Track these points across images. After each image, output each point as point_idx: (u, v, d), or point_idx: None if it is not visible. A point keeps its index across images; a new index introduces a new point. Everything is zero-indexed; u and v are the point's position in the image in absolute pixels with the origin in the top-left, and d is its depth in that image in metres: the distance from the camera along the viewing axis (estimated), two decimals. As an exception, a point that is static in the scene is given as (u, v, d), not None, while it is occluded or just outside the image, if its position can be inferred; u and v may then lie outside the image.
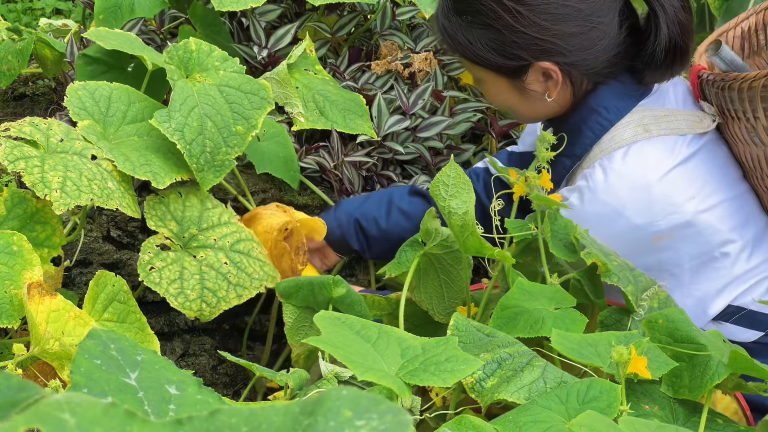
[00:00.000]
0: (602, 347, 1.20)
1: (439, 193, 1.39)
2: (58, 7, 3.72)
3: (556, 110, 1.63)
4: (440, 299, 1.52)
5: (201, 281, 1.56)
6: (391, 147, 2.03)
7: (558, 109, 1.62)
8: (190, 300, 1.54)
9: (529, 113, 1.66)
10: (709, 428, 1.21)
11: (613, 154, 1.54)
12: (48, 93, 2.50)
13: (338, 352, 1.04)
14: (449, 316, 1.49)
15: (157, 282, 1.52)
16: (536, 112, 1.65)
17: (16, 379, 0.57)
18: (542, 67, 1.55)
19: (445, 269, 1.50)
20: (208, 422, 0.53)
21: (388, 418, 0.50)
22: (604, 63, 1.56)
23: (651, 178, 1.52)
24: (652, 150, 1.54)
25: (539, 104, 1.61)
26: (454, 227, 1.40)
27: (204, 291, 1.55)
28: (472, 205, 1.39)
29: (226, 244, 1.63)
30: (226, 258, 1.61)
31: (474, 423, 1.05)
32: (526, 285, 1.36)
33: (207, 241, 1.62)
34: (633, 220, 1.53)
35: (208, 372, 1.88)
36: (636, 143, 1.54)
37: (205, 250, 1.60)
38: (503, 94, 1.62)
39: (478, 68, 1.61)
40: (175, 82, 1.65)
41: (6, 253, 1.35)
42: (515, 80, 1.59)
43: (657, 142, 1.55)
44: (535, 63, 1.54)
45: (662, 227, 1.52)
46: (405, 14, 2.26)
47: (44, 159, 1.45)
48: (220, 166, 1.63)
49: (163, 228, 1.59)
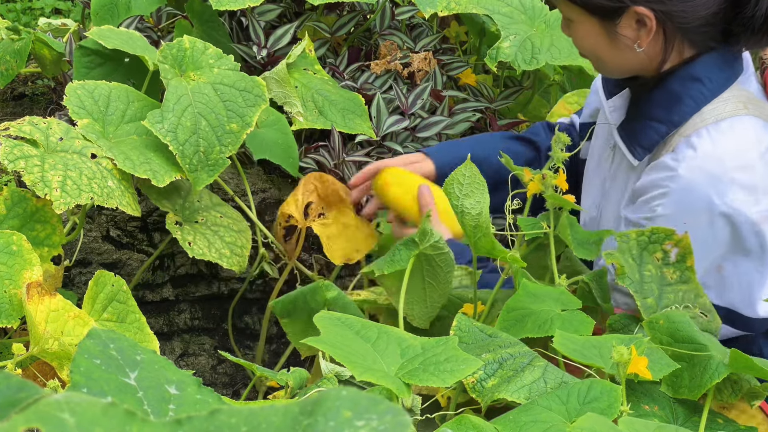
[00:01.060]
0: (605, 349, 1.20)
1: (453, 192, 1.38)
2: (58, 6, 3.72)
3: (641, 66, 1.59)
4: (422, 303, 1.50)
5: (221, 239, 1.72)
6: (391, 147, 2.03)
7: (643, 64, 1.59)
8: (228, 257, 1.71)
9: (613, 62, 1.61)
10: (710, 428, 1.21)
11: (719, 123, 1.52)
12: (47, 93, 2.50)
13: (337, 352, 1.04)
14: (427, 322, 1.49)
15: (201, 252, 1.67)
16: (621, 63, 1.60)
17: (16, 378, 0.57)
18: (638, 12, 1.51)
19: (433, 270, 1.47)
20: (208, 422, 0.53)
21: (387, 418, 0.50)
22: (700, 20, 1.52)
23: (754, 154, 1.51)
24: (752, 126, 1.53)
25: (626, 54, 1.57)
26: (466, 227, 1.39)
27: (231, 246, 1.73)
28: (486, 205, 1.37)
29: (207, 201, 1.81)
30: (218, 213, 1.77)
31: (474, 423, 1.05)
32: (531, 287, 1.36)
33: (194, 205, 1.77)
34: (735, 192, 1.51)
35: (208, 372, 1.88)
36: (737, 117, 1.53)
37: (200, 213, 1.76)
38: (592, 37, 1.58)
39: (573, 6, 1.57)
40: (169, 81, 1.65)
41: (5, 253, 1.35)
42: (608, 23, 1.55)
43: (755, 120, 1.54)
44: (631, 6, 1.50)
45: (763, 206, 1.51)
46: (404, 14, 2.26)
47: (44, 158, 1.45)
48: (214, 166, 1.63)
49: (165, 207, 1.72)
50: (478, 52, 2.45)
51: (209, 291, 1.92)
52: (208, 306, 1.94)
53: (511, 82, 2.42)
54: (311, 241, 1.94)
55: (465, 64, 2.28)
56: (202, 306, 1.93)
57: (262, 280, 1.92)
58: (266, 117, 1.87)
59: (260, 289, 1.92)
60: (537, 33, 2.13)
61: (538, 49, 2.08)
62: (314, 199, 1.80)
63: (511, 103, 2.30)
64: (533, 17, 2.17)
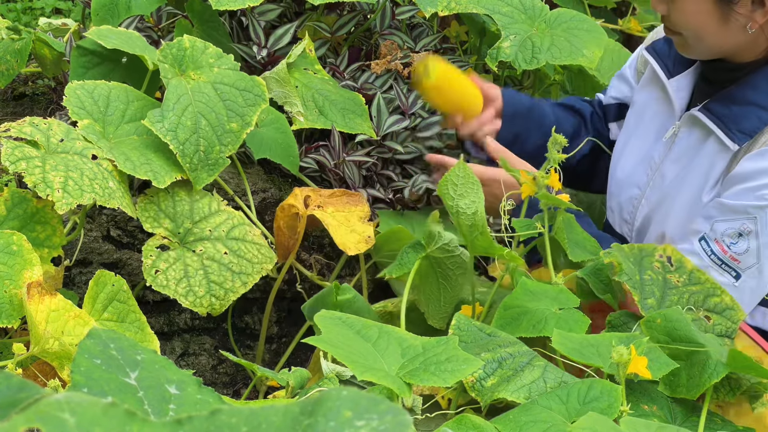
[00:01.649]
0: (604, 348, 1.20)
1: (448, 193, 1.38)
2: (58, 6, 3.72)
3: (740, 48, 1.58)
4: (437, 303, 1.51)
5: (206, 276, 1.58)
6: (391, 146, 2.03)
7: (742, 47, 1.58)
8: (199, 297, 1.56)
9: (714, 42, 1.58)
10: (708, 428, 1.21)
11: None
12: (47, 93, 2.50)
13: (338, 351, 1.04)
14: (443, 321, 1.49)
15: (164, 284, 1.53)
16: (722, 43, 1.58)
17: (16, 378, 0.57)
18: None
19: (445, 273, 1.49)
20: (208, 422, 0.53)
21: (388, 418, 0.50)
22: None
23: None
24: None
25: (733, 34, 1.55)
26: (462, 227, 1.39)
27: (211, 285, 1.58)
28: (482, 205, 1.38)
29: (222, 233, 1.64)
30: (225, 248, 1.62)
31: (474, 422, 1.05)
32: (529, 285, 1.36)
33: (203, 233, 1.63)
34: None
35: (208, 371, 1.88)
36: None
37: (203, 243, 1.62)
38: (702, 14, 1.55)
39: None
40: (169, 80, 1.65)
41: (6, 253, 1.35)
42: (725, 1, 1.53)
43: None
44: None
45: None
46: (405, 14, 2.26)
47: (45, 159, 1.45)
48: (214, 165, 1.63)
49: (158, 228, 1.60)
50: (478, 52, 2.45)
51: (210, 291, 1.92)
52: (209, 306, 1.94)
53: (511, 82, 2.42)
54: (311, 240, 1.95)
55: (465, 64, 2.28)
56: (202, 306, 1.93)
57: (262, 280, 1.91)
58: (265, 116, 1.87)
59: (260, 289, 1.92)
60: (537, 33, 2.13)
61: (538, 48, 2.08)
62: (311, 193, 1.81)
63: (511, 103, 2.30)
64: (533, 17, 2.18)
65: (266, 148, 1.83)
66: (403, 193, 1.97)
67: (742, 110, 1.56)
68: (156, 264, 1.55)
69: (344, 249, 1.71)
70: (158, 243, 1.58)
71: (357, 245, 1.72)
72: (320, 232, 1.94)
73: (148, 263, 1.54)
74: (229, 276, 1.60)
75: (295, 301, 1.93)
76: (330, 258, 1.95)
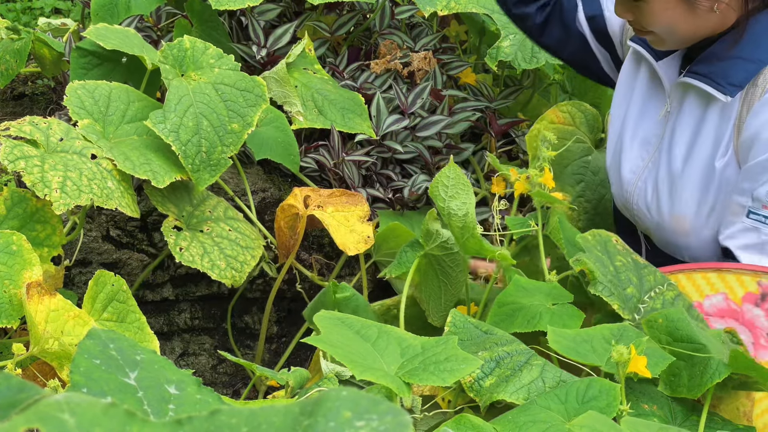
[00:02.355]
0: (597, 343, 1.20)
1: (439, 194, 1.39)
2: (57, 6, 3.72)
3: (714, 27, 1.63)
4: (437, 301, 1.52)
5: (221, 251, 1.66)
6: (390, 146, 2.03)
7: (716, 25, 1.62)
8: (222, 269, 1.64)
9: (688, 30, 1.64)
10: (708, 427, 1.21)
11: None
12: (47, 92, 2.50)
13: (337, 351, 1.04)
14: (443, 320, 1.50)
15: (191, 260, 1.61)
16: (696, 29, 1.64)
17: (16, 379, 0.57)
18: None
19: (445, 271, 1.49)
20: (208, 422, 0.53)
21: (387, 418, 0.50)
22: None
23: None
24: None
25: (703, 19, 1.60)
26: (453, 228, 1.39)
27: (228, 259, 1.66)
28: (473, 206, 1.38)
29: (220, 213, 1.74)
30: (227, 226, 1.71)
31: (473, 422, 1.05)
32: (522, 282, 1.36)
33: (204, 215, 1.71)
34: None
35: (208, 371, 1.88)
36: None
37: (207, 224, 1.70)
38: (669, 10, 1.61)
39: None
40: (170, 81, 1.65)
41: (5, 253, 1.35)
42: None
43: None
44: None
45: None
46: (404, 13, 2.26)
47: (44, 158, 1.45)
48: (216, 166, 1.64)
49: (168, 210, 1.67)
50: (478, 52, 2.45)
51: (209, 291, 1.92)
52: (208, 306, 1.94)
53: (511, 81, 2.42)
54: (311, 240, 1.95)
55: (465, 64, 2.28)
56: (202, 306, 1.93)
57: (262, 280, 1.92)
58: (265, 115, 1.87)
59: (260, 289, 1.92)
60: (537, 32, 2.13)
61: (538, 48, 2.08)
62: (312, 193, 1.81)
63: (511, 103, 2.30)
64: (533, 16, 2.17)
65: (267, 148, 1.83)
66: (403, 193, 1.97)
67: (727, 64, 1.60)
68: (178, 242, 1.62)
69: (344, 249, 1.72)
70: (172, 224, 1.65)
71: (357, 245, 1.73)
72: (320, 232, 1.94)
73: (171, 241, 1.61)
74: (239, 250, 1.69)
75: (295, 300, 1.93)
76: (330, 258, 1.96)
